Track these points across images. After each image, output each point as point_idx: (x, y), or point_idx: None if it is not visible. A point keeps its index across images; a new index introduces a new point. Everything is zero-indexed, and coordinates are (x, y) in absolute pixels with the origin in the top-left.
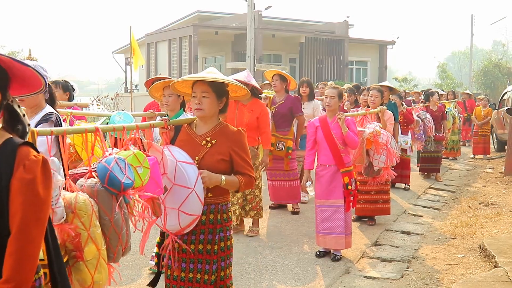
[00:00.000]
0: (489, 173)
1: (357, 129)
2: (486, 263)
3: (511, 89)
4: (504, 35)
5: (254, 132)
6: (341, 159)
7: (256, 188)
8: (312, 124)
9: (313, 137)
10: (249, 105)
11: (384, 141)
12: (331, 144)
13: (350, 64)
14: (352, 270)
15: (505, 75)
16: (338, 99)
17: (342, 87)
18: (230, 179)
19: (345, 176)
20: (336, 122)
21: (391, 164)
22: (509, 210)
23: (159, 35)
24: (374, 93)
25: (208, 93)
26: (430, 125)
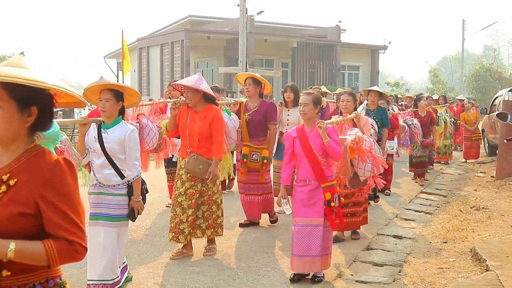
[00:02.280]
0: (481, 177)
1: (339, 138)
2: (478, 267)
3: (502, 94)
4: (495, 40)
5: (209, 142)
6: (322, 173)
7: (213, 203)
8: (289, 135)
9: (290, 149)
10: (201, 111)
11: (367, 147)
12: (310, 156)
13: (342, 69)
14: (344, 274)
15: (496, 80)
16: (314, 106)
17: (334, 91)
18: (27, 248)
19: (326, 192)
20: (315, 131)
21: (378, 171)
22: (500, 214)
23: (151, 40)
24: (345, 98)
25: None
26: (417, 131)
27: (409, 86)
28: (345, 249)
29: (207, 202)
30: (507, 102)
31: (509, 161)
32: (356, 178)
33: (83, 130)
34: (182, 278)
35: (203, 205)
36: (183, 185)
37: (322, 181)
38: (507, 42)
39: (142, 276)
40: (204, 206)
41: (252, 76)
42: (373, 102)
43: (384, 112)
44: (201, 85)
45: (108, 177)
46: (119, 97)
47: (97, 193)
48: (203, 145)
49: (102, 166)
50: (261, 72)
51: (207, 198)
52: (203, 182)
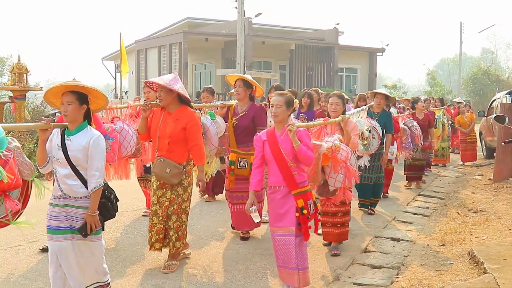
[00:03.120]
0: (478, 180)
1: (312, 143)
2: (475, 269)
3: (499, 97)
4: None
5: (180, 146)
6: (292, 179)
7: (183, 212)
8: (259, 139)
9: (260, 154)
10: (175, 113)
11: (343, 157)
12: (280, 161)
13: (340, 71)
14: (342, 277)
15: (493, 83)
16: (286, 107)
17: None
18: None
19: (298, 199)
20: (285, 135)
21: (349, 184)
22: (498, 216)
23: (149, 42)
24: (335, 100)
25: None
26: (417, 133)
27: (407, 88)
28: (343, 252)
29: (177, 211)
30: (504, 105)
31: (506, 164)
32: (325, 186)
33: (43, 136)
34: (179, 280)
35: (173, 214)
36: (155, 193)
37: (293, 187)
38: (505, 45)
39: (140, 277)
40: (174, 215)
41: (242, 78)
42: (379, 105)
43: (388, 117)
44: (175, 85)
45: (74, 189)
46: (82, 100)
47: (63, 206)
48: (174, 149)
49: (67, 177)
50: (258, 75)
51: (177, 207)
52: (173, 189)
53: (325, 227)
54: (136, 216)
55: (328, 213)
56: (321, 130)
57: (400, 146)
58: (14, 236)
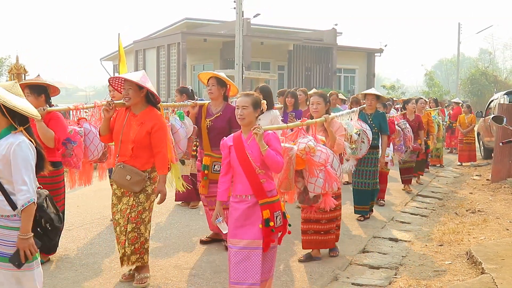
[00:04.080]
0: (476, 180)
1: (282, 146)
2: (473, 269)
3: (497, 97)
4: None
5: (144, 152)
6: (260, 188)
7: (141, 222)
8: (225, 144)
9: (226, 160)
10: (140, 115)
11: (322, 160)
12: (247, 168)
13: (338, 72)
14: (340, 277)
15: (491, 83)
16: (253, 109)
17: None
18: None
19: (265, 210)
20: (252, 139)
21: (330, 189)
22: (496, 217)
23: (148, 42)
24: (316, 99)
25: None
26: (409, 135)
27: (405, 89)
28: (341, 252)
29: (135, 220)
30: (502, 105)
31: (504, 164)
32: (306, 193)
33: None
34: (178, 281)
35: (130, 223)
36: (120, 201)
37: (260, 196)
38: (503, 46)
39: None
40: (130, 224)
41: (216, 76)
42: (371, 106)
43: (382, 117)
44: (146, 83)
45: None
46: None
47: None
48: (137, 154)
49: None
50: (257, 75)
51: (135, 215)
52: (136, 196)
53: (306, 234)
54: None
55: (311, 220)
56: (298, 132)
57: (393, 148)
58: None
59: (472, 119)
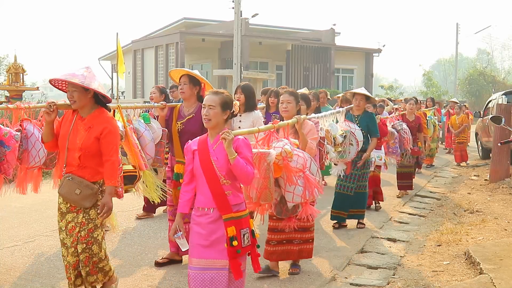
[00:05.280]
0: (474, 180)
1: (258, 151)
2: (471, 270)
3: (495, 97)
4: (488, 44)
5: (94, 160)
6: (224, 200)
7: (94, 242)
8: (189, 148)
9: (190, 166)
10: (88, 119)
11: (300, 165)
12: (210, 177)
13: (336, 72)
14: (338, 277)
15: (489, 83)
16: (222, 110)
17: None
18: None
19: (229, 226)
20: (219, 144)
21: (311, 197)
22: (494, 217)
23: (146, 42)
24: (286, 98)
25: None
26: (406, 137)
27: (403, 89)
28: (339, 252)
29: (85, 239)
30: (500, 105)
31: (502, 165)
32: (283, 204)
33: None
34: (176, 281)
35: (79, 243)
36: (64, 217)
37: (224, 210)
38: (501, 46)
39: (137, 278)
40: (81, 244)
41: (187, 73)
42: (359, 107)
43: (371, 118)
44: (92, 83)
45: None
46: None
47: None
48: (86, 164)
49: None
50: (255, 75)
51: (85, 233)
52: (85, 212)
53: (269, 245)
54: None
55: (277, 229)
56: (270, 136)
57: (386, 151)
58: (10, 236)
59: (463, 119)
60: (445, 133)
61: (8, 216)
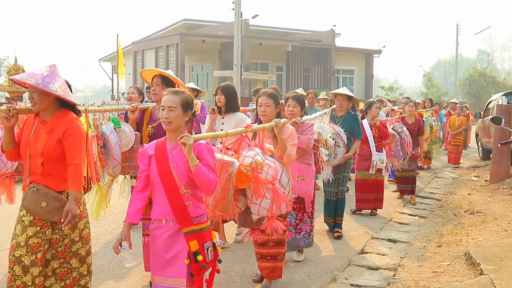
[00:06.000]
0: (475, 181)
1: (221, 159)
2: (472, 270)
3: (496, 98)
4: (488, 45)
5: (59, 167)
6: (184, 212)
7: (73, 256)
8: (145, 152)
9: (145, 173)
10: (50, 121)
11: (270, 176)
12: (169, 185)
13: (336, 73)
14: (339, 278)
15: (490, 84)
16: (183, 111)
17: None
18: None
19: (191, 240)
20: (179, 149)
21: (278, 211)
22: (494, 218)
23: (146, 43)
24: (264, 101)
25: None
26: (407, 140)
27: (403, 90)
28: (340, 253)
29: (62, 254)
30: (501, 106)
31: (503, 165)
32: (248, 214)
33: None
34: None
35: (54, 259)
36: (24, 231)
37: (184, 223)
38: (501, 47)
39: (137, 279)
40: (55, 260)
41: (160, 74)
42: (341, 108)
43: (354, 119)
44: (52, 83)
45: None
46: None
47: None
48: (50, 171)
49: None
50: (255, 76)
51: (63, 249)
52: (55, 227)
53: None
54: None
55: (257, 242)
56: (241, 141)
57: (388, 155)
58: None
59: (463, 122)
60: (446, 134)
61: None
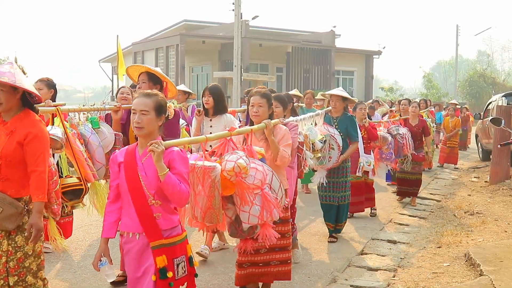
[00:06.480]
0: (475, 182)
1: (202, 165)
2: (472, 271)
3: (495, 99)
4: (488, 46)
5: (18, 172)
6: (152, 224)
7: (27, 272)
8: (115, 159)
9: (115, 182)
10: (11, 122)
11: (257, 181)
12: (137, 195)
13: (336, 74)
14: (339, 279)
15: (489, 85)
16: (156, 115)
17: None
18: None
19: (159, 255)
20: (149, 157)
21: (269, 218)
22: (494, 219)
23: (146, 44)
24: (257, 101)
25: None
26: (405, 142)
27: (403, 91)
28: (340, 254)
29: (16, 271)
30: (500, 107)
31: (502, 166)
32: (238, 224)
33: None
34: None
35: (10, 275)
36: None
37: (152, 236)
38: (501, 48)
39: None
40: (12, 277)
41: (147, 71)
42: (336, 109)
43: (350, 121)
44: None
45: None
46: None
47: None
48: (8, 176)
49: None
50: (255, 77)
51: (15, 264)
52: (10, 238)
53: (241, 268)
54: None
55: (259, 250)
56: (225, 145)
57: (379, 157)
58: None
59: (457, 123)
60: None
61: None
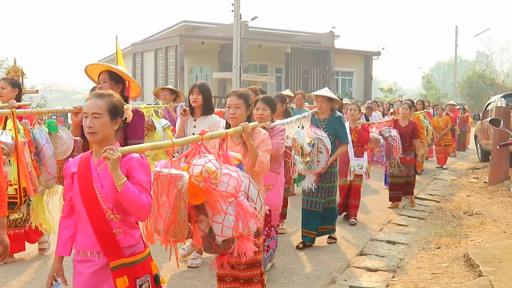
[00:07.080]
0: (474, 183)
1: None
2: (471, 272)
3: (494, 100)
4: (487, 47)
5: None
6: (113, 242)
7: None
8: (68, 170)
9: (69, 195)
10: None
11: (231, 188)
12: (92, 210)
13: (336, 75)
14: (338, 280)
15: (488, 86)
16: (110, 118)
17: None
18: None
19: (119, 277)
20: (105, 166)
21: (245, 230)
22: (493, 219)
23: (145, 45)
24: (233, 101)
25: None
26: (395, 145)
27: (403, 92)
28: (339, 255)
29: None
30: (499, 108)
31: (501, 167)
32: (213, 237)
33: None
34: (175, 283)
35: None
36: None
37: (112, 256)
38: (500, 49)
39: None
40: None
41: (108, 69)
42: (322, 110)
43: (339, 122)
44: None
45: None
46: None
47: None
48: None
49: None
50: (255, 78)
51: None
52: None
53: (223, 282)
54: None
55: (240, 266)
56: (196, 150)
57: (370, 159)
58: None
59: (447, 121)
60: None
61: None
